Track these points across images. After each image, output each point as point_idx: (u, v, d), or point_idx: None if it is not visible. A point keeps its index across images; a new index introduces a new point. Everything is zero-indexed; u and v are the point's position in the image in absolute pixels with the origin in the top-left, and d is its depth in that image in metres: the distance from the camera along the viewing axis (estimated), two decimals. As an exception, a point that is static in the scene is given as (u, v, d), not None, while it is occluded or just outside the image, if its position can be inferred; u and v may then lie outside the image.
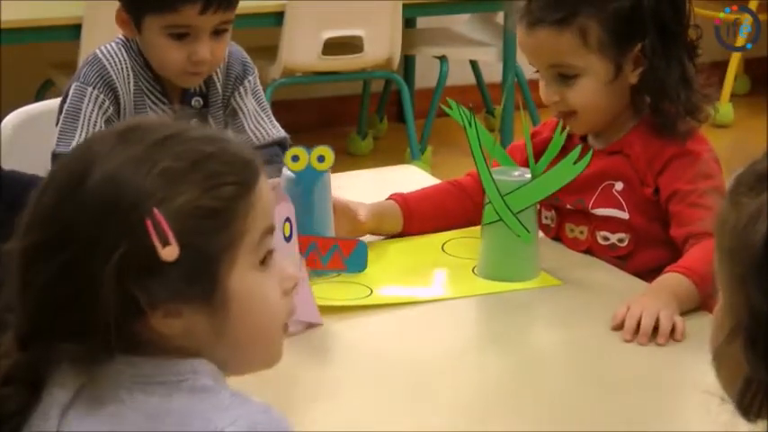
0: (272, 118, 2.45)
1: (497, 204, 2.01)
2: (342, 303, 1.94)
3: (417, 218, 2.22)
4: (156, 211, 1.14)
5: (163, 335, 1.17)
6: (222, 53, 2.30)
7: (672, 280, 1.92)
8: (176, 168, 1.17)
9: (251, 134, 2.37)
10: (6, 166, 2.37)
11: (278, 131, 2.43)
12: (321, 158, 2.01)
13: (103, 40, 2.41)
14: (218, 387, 1.18)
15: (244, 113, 2.39)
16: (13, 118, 2.53)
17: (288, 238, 1.85)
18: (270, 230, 1.24)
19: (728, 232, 1.10)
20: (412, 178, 2.63)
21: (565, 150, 2.09)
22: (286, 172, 2.01)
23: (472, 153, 2.02)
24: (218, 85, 2.38)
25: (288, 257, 1.78)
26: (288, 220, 1.85)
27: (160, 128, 1.21)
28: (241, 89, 2.39)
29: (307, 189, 1.98)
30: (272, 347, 1.27)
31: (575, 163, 2.00)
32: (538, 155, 2.05)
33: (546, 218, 2.20)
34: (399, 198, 2.24)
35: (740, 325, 1.09)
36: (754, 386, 1.08)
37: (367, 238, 2.15)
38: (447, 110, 2.11)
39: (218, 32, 2.27)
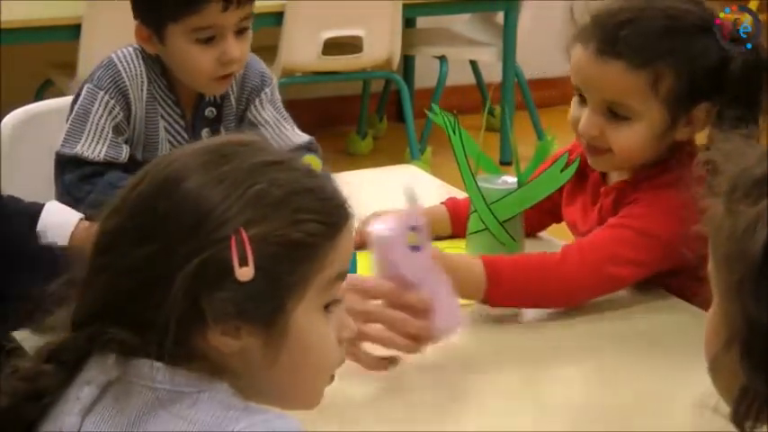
0: (293, 124, 2.43)
1: (483, 213, 1.99)
2: None
3: (465, 221, 2.19)
4: (242, 230, 1.16)
5: (218, 351, 1.19)
6: (247, 51, 2.29)
7: (471, 272, 1.84)
8: (272, 194, 1.19)
9: (274, 144, 2.36)
10: (6, 166, 2.38)
11: (301, 137, 2.42)
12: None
13: (103, 40, 2.41)
14: (234, 401, 1.19)
15: (263, 125, 2.38)
16: (12, 118, 2.52)
17: (416, 248, 1.73)
18: (341, 277, 1.25)
19: (725, 240, 1.09)
20: (411, 178, 2.63)
21: (582, 177, 2.07)
22: None
23: (457, 161, 2.00)
24: (233, 97, 2.37)
25: (413, 268, 1.72)
26: (414, 228, 1.73)
27: (266, 152, 1.24)
28: (257, 101, 2.37)
29: None
30: (314, 391, 1.28)
31: (562, 171, 1.98)
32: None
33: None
34: (450, 202, 2.24)
35: (736, 333, 1.07)
36: (750, 396, 1.07)
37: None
38: (431, 116, 2.08)
39: (240, 31, 2.26)
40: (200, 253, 1.16)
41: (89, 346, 1.20)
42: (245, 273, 1.16)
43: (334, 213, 1.24)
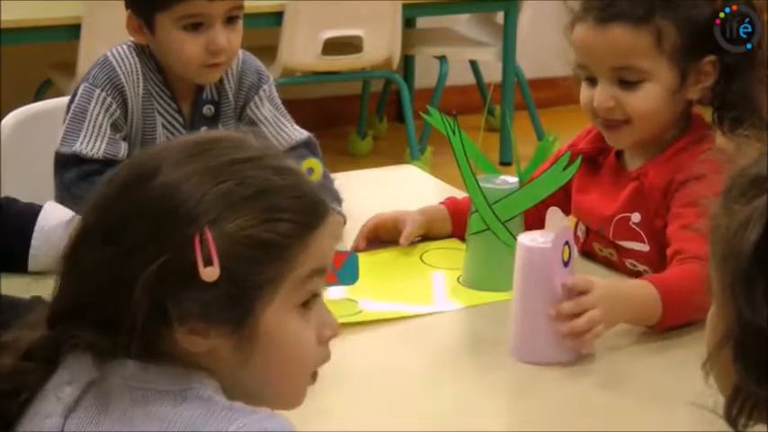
0: (292, 121, 2.44)
1: (485, 213, 1.99)
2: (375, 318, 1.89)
3: (465, 221, 2.19)
4: (206, 229, 1.14)
5: (185, 350, 1.17)
6: (237, 42, 2.30)
7: (644, 292, 1.82)
8: (239, 192, 1.17)
9: (274, 141, 2.37)
10: (6, 166, 2.38)
11: (300, 133, 2.42)
12: (310, 171, 1.97)
13: (103, 40, 2.41)
14: (221, 399, 1.18)
15: (263, 122, 2.38)
16: (12, 118, 2.53)
17: (566, 263, 1.77)
18: (320, 272, 1.22)
19: (720, 238, 1.09)
20: (411, 178, 2.63)
21: (593, 166, 2.09)
22: None
23: (457, 162, 2.00)
24: (230, 94, 2.37)
25: (561, 280, 1.76)
26: (567, 244, 1.78)
27: (242, 148, 1.21)
28: (256, 98, 2.38)
29: None
30: (295, 390, 1.25)
31: (564, 169, 1.98)
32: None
33: (580, 230, 2.17)
34: (449, 202, 2.24)
35: (729, 333, 1.07)
36: (742, 396, 1.07)
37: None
38: (427, 117, 2.09)
39: (230, 20, 2.27)
40: (163, 253, 1.13)
41: (64, 346, 1.19)
42: (209, 273, 1.14)
43: (307, 212, 1.20)
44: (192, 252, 1.13)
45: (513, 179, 2.03)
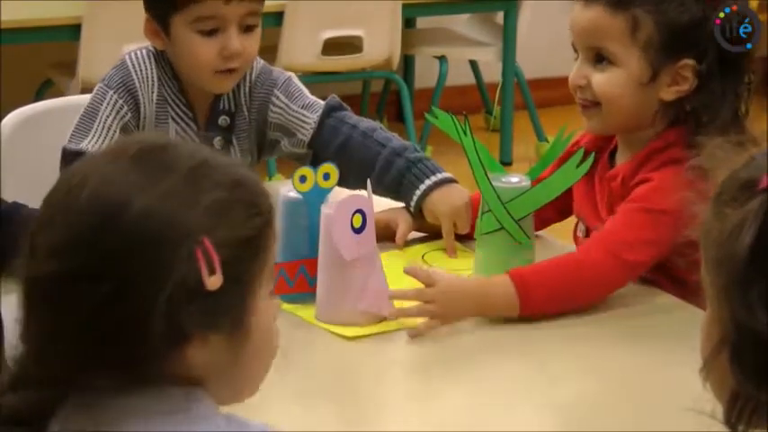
0: (311, 95, 2.47)
1: (499, 213, 1.99)
2: (374, 331, 1.87)
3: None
4: (206, 241, 1.14)
5: (186, 365, 1.16)
6: (254, 50, 2.27)
7: (500, 292, 1.89)
8: (220, 198, 1.16)
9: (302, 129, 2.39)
10: (6, 166, 2.38)
11: (326, 101, 2.47)
12: (327, 176, 1.96)
13: (103, 40, 2.41)
14: (215, 414, 1.17)
15: (300, 110, 2.42)
16: (12, 118, 2.53)
17: (357, 230, 1.84)
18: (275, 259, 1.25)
19: (713, 242, 1.09)
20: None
21: (595, 166, 2.08)
22: (287, 194, 1.95)
23: (469, 162, 2.00)
24: (245, 107, 2.35)
25: (351, 249, 1.84)
26: (360, 212, 1.84)
27: (184, 154, 1.19)
28: (271, 106, 2.36)
29: (314, 209, 1.91)
30: (264, 376, 1.26)
31: (577, 166, 1.98)
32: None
33: (580, 230, 2.17)
34: None
35: (726, 338, 1.07)
36: (741, 400, 1.07)
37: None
38: (430, 119, 2.10)
39: (248, 28, 2.25)
40: (168, 277, 1.12)
41: (55, 404, 1.16)
42: (214, 281, 1.14)
43: (267, 201, 1.22)
44: (194, 267, 1.13)
45: (518, 178, 2.04)
